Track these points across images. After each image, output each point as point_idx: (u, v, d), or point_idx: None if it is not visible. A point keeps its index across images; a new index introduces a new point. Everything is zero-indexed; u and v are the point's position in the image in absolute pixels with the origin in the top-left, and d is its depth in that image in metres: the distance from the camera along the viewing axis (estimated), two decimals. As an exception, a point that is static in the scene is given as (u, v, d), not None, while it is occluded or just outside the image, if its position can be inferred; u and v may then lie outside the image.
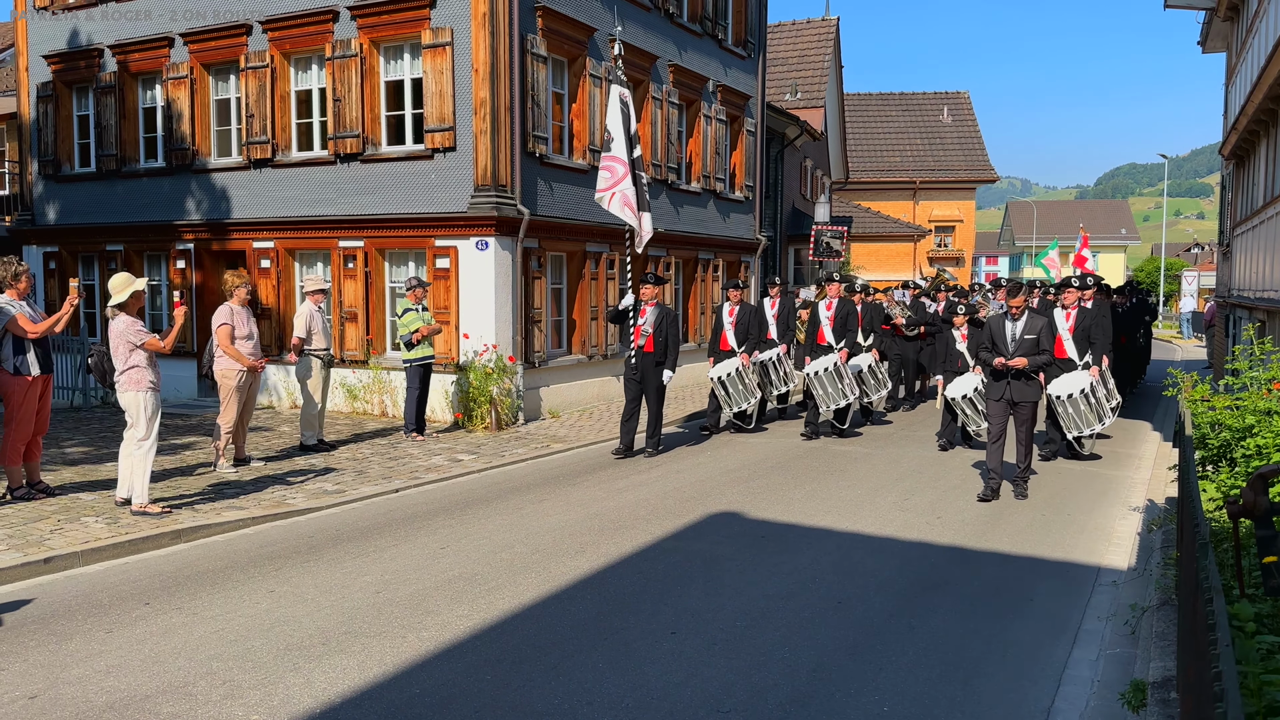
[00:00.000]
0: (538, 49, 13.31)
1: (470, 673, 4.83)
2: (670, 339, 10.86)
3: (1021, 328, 8.80)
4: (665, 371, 10.84)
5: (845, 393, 11.94)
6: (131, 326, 7.63)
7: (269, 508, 8.11)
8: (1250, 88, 14.52)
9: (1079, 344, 10.85)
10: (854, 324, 12.35)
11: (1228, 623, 2.90)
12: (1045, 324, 8.82)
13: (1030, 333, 8.75)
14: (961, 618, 5.77)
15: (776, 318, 12.98)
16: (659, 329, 10.82)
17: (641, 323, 10.85)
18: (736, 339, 12.30)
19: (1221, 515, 5.97)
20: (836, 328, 12.19)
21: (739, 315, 12.37)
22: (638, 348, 10.81)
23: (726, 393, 12.10)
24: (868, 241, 34.77)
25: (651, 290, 10.93)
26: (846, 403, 12.01)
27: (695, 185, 17.95)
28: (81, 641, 5.20)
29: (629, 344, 10.93)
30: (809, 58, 28.78)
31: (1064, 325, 10.89)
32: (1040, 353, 8.73)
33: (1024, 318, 8.84)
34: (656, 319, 10.85)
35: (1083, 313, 10.92)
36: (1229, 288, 19.69)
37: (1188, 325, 41.11)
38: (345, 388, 13.58)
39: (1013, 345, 8.77)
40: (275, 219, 14.23)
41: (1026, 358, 8.65)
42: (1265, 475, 3.85)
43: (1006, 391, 8.79)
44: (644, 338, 10.80)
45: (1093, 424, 10.49)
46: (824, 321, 12.31)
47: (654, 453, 10.88)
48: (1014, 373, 8.69)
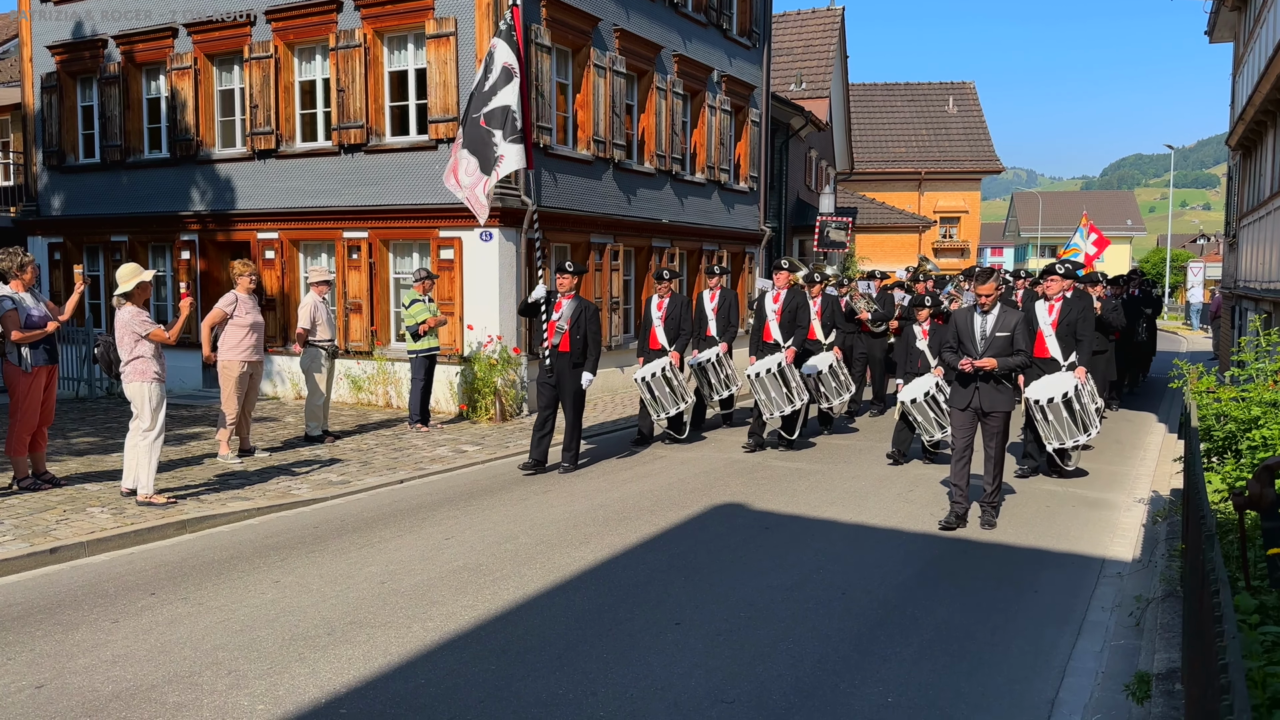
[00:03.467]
0: (542, 39, 13.27)
1: (475, 663, 4.84)
2: (590, 337, 9.48)
3: (993, 323, 7.49)
4: (585, 375, 9.47)
5: (792, 397, 10.44)
6: (137, 317, 7.64)
7: (274, 498, 8.13)
8: (1258, 78, 14.45)
9: (1063, 341, 9.34)
10: (806, 319, 10.87)
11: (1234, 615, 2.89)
12: (1021, 320, 7.55)
13: (1003, 329, 7.45)
14: (965, 609, 5.77)
15: (716, 312, 11.41)
16: (577, 325, 9.40)
17: (556, 318, 9.44)
18: (667, 335, 10.96)
19: (1227, 507, 5.97)
20: (784, 323, 10.64)
21: (669, 309, 10.96)
22: (552, 346, 9.43)
23: (652, 396, 10.66)
24: (872, 233, 34.67)
25: (569, 281, 9.50)
26: (793, 409, 10.50)
27: (700, 176, 17.92)
28: (88, 631, 5.22)
29: (541, 342, 9.59)
30: (814, 48, 28.69)
31: (1046, 319, 9.40)
32: (1015, 353, 7.46)
33: (996, 311, 7.52)
34: (574, 314, 9.42)
35: (1067, 305, 9.40)
36: (1235, 279, 19.63)
37: (1197, 316, 41.01)
38: (350, 379, 13.59)
39: (982, 344, 7.48)
40: (279, 210, 14.23)
41: (997, 358, 7.37)
42: (1271, 467, 3.85)
43: (974, 398, 7.47)
44: (559, 335, 9.41)
45: (1076, 434, 8.99)
46: (770, 316, 10.70)
47: (569, 468, 9.53)
48: (983, 376, 7.41)
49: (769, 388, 10.43)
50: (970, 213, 41.43)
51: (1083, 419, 8.99)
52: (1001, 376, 7.43)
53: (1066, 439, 8.96)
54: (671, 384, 10.67)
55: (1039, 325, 9.38)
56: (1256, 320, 9.49)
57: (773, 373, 10.36)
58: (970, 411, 7.52)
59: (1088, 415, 9.04)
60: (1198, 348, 29.35)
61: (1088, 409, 9.06)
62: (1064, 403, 8.89)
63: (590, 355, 9.51)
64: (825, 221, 22.20)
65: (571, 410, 9.60)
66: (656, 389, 10.64)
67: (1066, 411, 8.90)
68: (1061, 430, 8.94)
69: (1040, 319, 9.41)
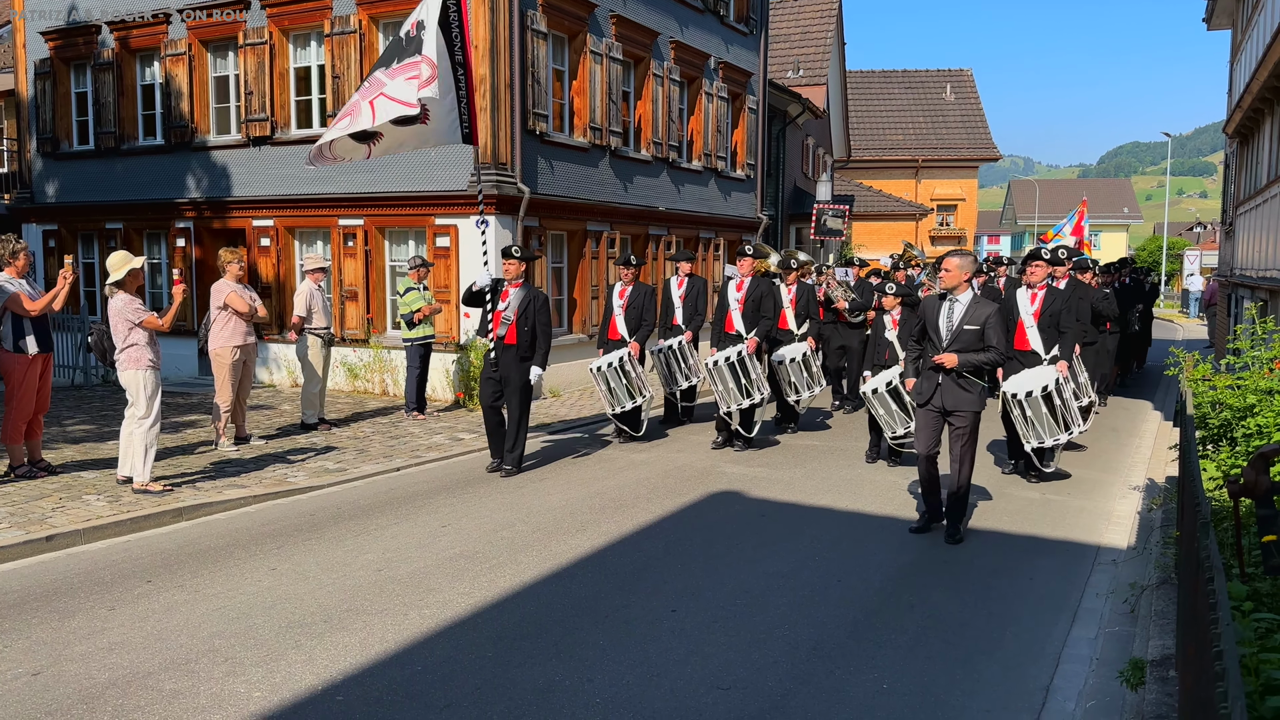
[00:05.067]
0: (538, 25, 13.21)
1: (472, 650, 4.85)
2: (539, 328, 8.82)
3: (961, 314, 6.77)
4: (533, 369, 8.82)
5: (751, 390, 9.66)
6: (130, 304, 7.62)
7: (270, 486, 8.13)
8: (1255, 65, 14.42)
9: (1046, 332, 8.62)
10: (772, 308, 10.15)
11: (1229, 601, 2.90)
12: (994, 313, 6.78)
13: (973, 322, 6.72)
14: (961, 596, 5.78)
15: (683, 299, 10.69)
16: (525, 316, 8.74)
17: (503, 308, 8.78)
18: (628, 326, 10.30)
19: (1222, 494, 5.98)
20: (748, 312, 9.96)
21: (631, 297, 10.30)
22: (498, 338, 8.77)
23: (607, 388, 10.07)
24: (869, 220, 34.65)
25: (515, 267, 8.86)
26: (752, 403, 9.74)
27: (696, 163, 17.88)
28: (84, 619, 5.22)
29: (487, 333, 8.91)
30: (811, 34, 28.59)
31: (1028, 308, 8.68)
32: (984, 349, 6.70)
33: (966, 301, 6.81)
34: (521, 303, 8.77)
35: (1052, 294, 8.69)
36: (1231, 267, 19.64)
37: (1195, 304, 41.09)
38: (346, 366, 13.58)
39: (948, 336, 6.77)
40: (275, 197, 14.18)
41: (960, 354, 6.67)
42: (1266, 454, 3.85)
43: (936, 395, 6.83)
44: (504, 326, 8.73)
45: (1056, 432, 8.28)
46: (733, 305, 10.03)
47: (513, 470, 8.86)
48: (946, 371, 6.75)
49: (726, 378, 9.71)
50: (967, 200, 41.39)
51: (1064, 415, 8.30)
52: (969, 373, 6.74)
53: (1046, 437, 8.27)
54: (629, 376, 10.03)
55: (1020, 315, 8.70)
56: (1253, 308, 9.47)
57: (731, 362, 9.68)
58: (934, 411, 6.87)
59: (1070, 412, 8.37)
60: (1194, 335, 29.40)
61: (1070, 405, 8.39)
62: (1043, 397, 8.22)
63: (539, 348, 8.86)
64: (822, 209, 22.16)
65: (517, 407, 8.85)
66: (612, 380, 10.04)
67: (1046, 407, 8.22)
68: (1041, 428, 8.25)
69: (1022, 308, 8.73)
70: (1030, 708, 4.40)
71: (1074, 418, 8.42)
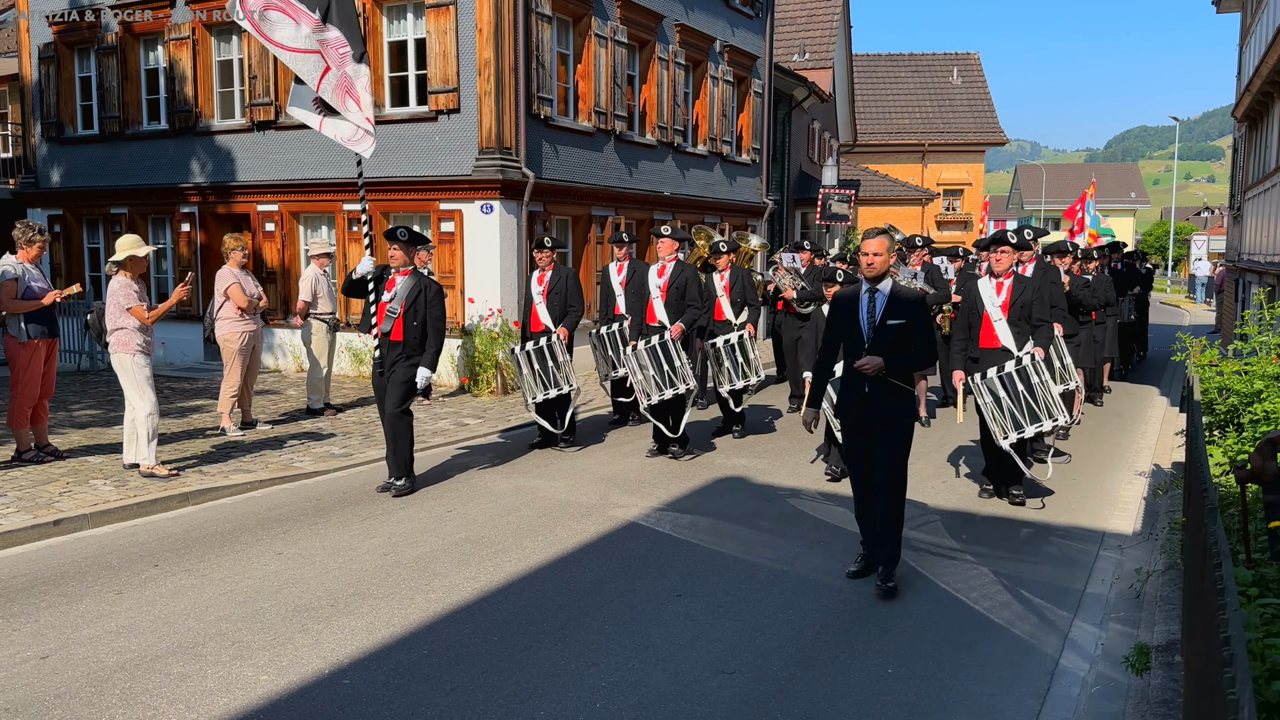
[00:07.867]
0: (542, 8, 13.14)
1: (478, 634, 4.87)
2: (431, 323, 7.59)
3: (883, 306, 5.45)
4: (421, 370, 7.53)
5: (675, 381, 8.62)
6: (125, 289, 7.61)
7: (276, 470, 8.15)
8: (1265, 48, 14.31)
9: (1016, 326, 7.44)
10: (698, 294, 9.35)
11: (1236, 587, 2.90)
12: (918, 302, 5.53)
13: (896, 315, 5.42)
14: (965, 580, 5.78)
15: (625, 285, 9.85)
16: (413, 309, 7.52)
17: (388, 299, 7.60)
18: (551, 314, 9.25)
19: (1228, 480, 5.97)
20: (670, 301, 9.12)
21: (551, 283, 9.27)
22: (382, 334, 7.57)
23: (526, 371, 8.98)
24: (875, 205, 34.48)
25: (401, 255, 7.67)
26: (675, 393, 8.64)
27: (701, 148, 17.80)
28: (92, 603, 5.25)
29: (370, 329, 7.74)
30: (817, 17, 28.41)
31: (994, 300, 7.48)
32: (907, 358, 5.41)
33: (887, 291, 5.47)
34: (409, 294, 7.55)
35: (1020, 282, 7.52)
36: (1239, 252, 19.55)
37: (1202, 289, 40.94)
38: (351, 352, 13.58)
39: (869, 336, 5.47)
40: (279, 181, 14.16)
41: (888, 357, 5.34)
42: (1274, 441, 3.84)
43: (860, 408, 5.51)
44: (390, 320, 7.53)
45: (1040, 420, 7.07)
46: (654, 294, 9.21)
47: (405, 489, 7.62)
48: (870, 380, 5.41)
49: (647, 364, 8.67)
50: (974, 185, 41.16)
51: (1045, 400, 7.09)
52: (892, 379, 5.41)
53: (1027, 425, 7.07)
54: (555, 359, 8.91)
55: (985, 308, 7.52)
56: (1260, 293, 9.43)
57: (653, 347, 8.67)
58: (862, 427, 5.56)
59: (1050, 395, 7.12)
60: (1200, 320, 29.31)
61: (1049, 387, 7.15)
62: (1018, 373, 7.12)
63: (430, 346, 7.60)
64: (828, 194, 22.07)
65: (396, 410, 7.60)
66: (536, 362, 8.94)
67: (1022, 384, 7.09)
68: (1020, 415, 7.08)
69: (986, 301, 7.52)
70: (1035, 692, 4.41)
71: (1057, 404, 7.13)
